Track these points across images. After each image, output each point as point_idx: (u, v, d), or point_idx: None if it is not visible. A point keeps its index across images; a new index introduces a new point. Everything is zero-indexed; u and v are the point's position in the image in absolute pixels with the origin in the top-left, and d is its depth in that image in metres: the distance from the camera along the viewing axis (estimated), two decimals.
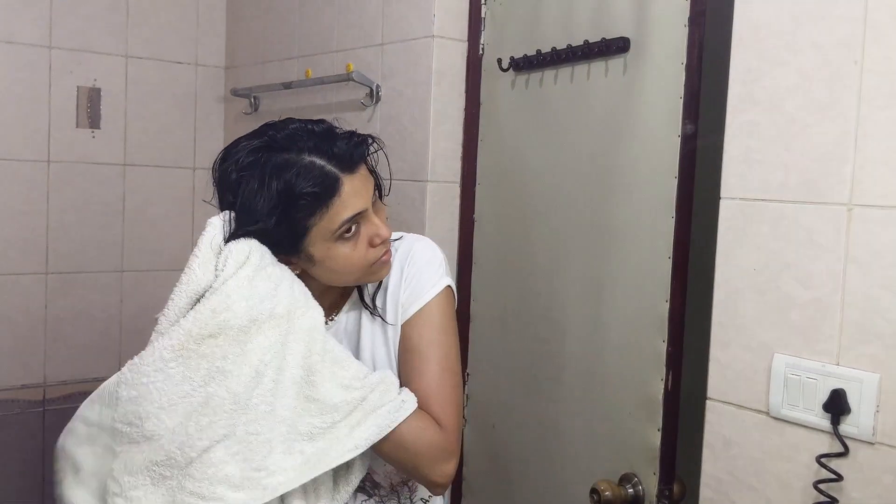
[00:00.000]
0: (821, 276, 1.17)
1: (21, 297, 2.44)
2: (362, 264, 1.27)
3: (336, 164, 1.21)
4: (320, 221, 1.21)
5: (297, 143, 1.21)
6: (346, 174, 1.22)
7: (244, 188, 1.21)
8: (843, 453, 1.15)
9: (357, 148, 1.24)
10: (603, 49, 1.58)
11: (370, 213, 1.26)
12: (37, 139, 2.44)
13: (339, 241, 1.24)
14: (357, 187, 1.23)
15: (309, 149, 1.21)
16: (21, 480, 2.48)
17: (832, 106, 1.16)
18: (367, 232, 1.26)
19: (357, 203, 1.23)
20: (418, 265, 1.36)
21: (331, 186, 1.20)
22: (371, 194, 1.26)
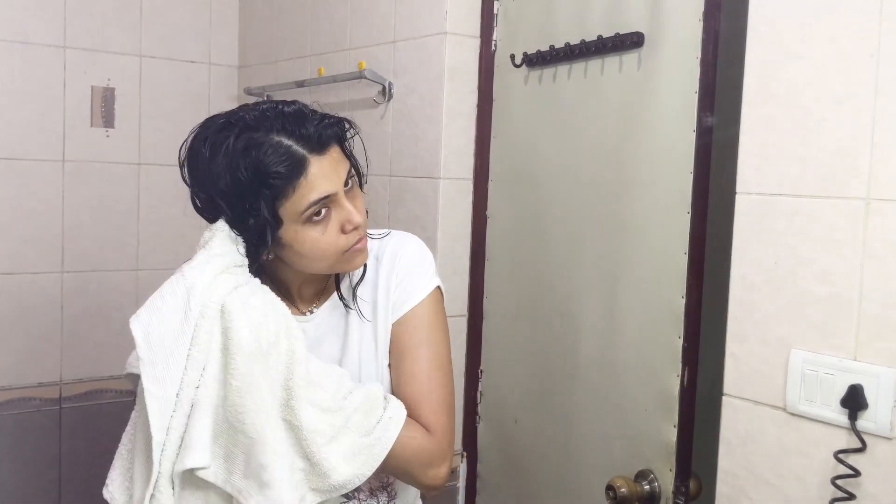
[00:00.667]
0: (838, 270, 1.17)
1: (37, 295, 2.46)
2: (333, 250, 1.24)
3: (303, 144, 1.19)
4: (287, 203, 1.19)
5: (265, 123, 1.20)
6: (313, 155, 1.19)
7: (213, 167, 1.20)
8: (860, 449, 1.14)
9: (327, 129, 1.22)
10: (617, 44, 1.57)
11: (341, 198, 1.22)
12: (51, 139, 2.45)
13: (307, 225, 1.21)
14: (326, 169, 1.20)
15: (277, 129, 1.19)
16: (38, 478, 2.49)
17: (848, 99, 1.15)
18: (339, 217, 1.23)
19: (325, 185, 1.20)
20: (409, 265, 1.35)
21: (297, 166, 1.18)
22: (343, 178, 1.23)
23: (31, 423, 2.47)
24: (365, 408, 1.23)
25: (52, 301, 2.48)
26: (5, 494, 2.44)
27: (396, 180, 2.04)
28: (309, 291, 1.35)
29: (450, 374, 1.34)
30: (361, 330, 1.34)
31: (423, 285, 1.34)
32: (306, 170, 1.19)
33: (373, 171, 2.07)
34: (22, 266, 2.43)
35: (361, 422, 1.22)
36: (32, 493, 2.48)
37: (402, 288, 1.33)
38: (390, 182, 2.05)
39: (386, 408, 1.25)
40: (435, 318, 1.35)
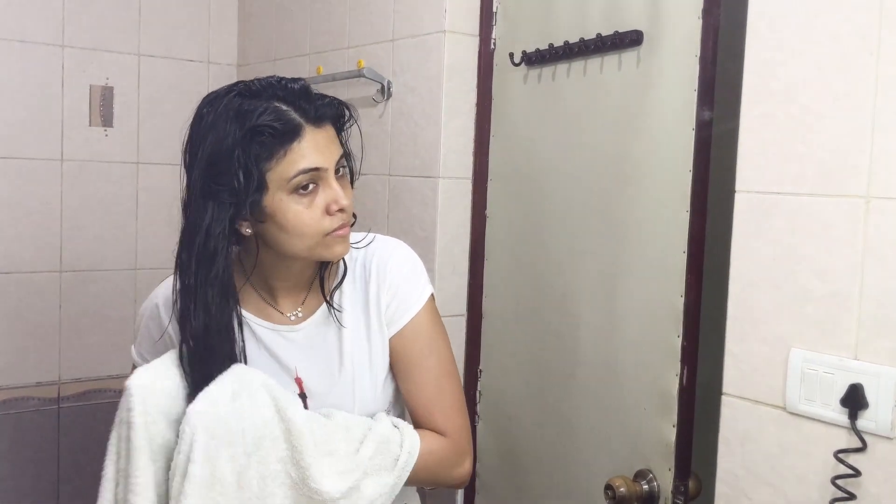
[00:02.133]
0: (838, 269, 1.16)
1: (35, 295, 2.45)
2: (315, 230, 1.22)
3: (301, 113, 1.20)
4: (277, 166, 1.18)
5: (267, 91, 1.21)
6: (309, 125, 1.20)
7: (207, 126, 1.20)
8: (860, 448, 1.13)
9: (326, 107, 1.23)
10: (616, 42, 1.57)
11: (330, 177, 1.22)
12: (50, 138, 2.45)
13: (293, 195, 1.20)
14: (319, 143, 1.20)
15: (278, 97, 1.20)
16: (36, 477, 2.49)
17: (848, 97, 1.15)
18: (326, 196, 1.21)
19: (316, 158, 1.20)
20: (402, 274, 1.34)
21: (292, 130, 1.18)
22: (335, 158, 1.23)
23: (29, 422, 2.47)
24: (381, 453, 1.25)
25: (51, 300, 2.48)
26: (3, 493, 2.43)
27: (395, 179, 2.03)
28: (292, 293, 1.33)
29: (457, 375, 1.37)
30: (354, 343, 1.33)
31: (418, 296, 1.34)
32: (300, 136, 1.19)
33: (371, 169, 2.07)
34: (20, 265, 2.42)
35: (381, 465, 1.24)
36: (30, 492, 2.48)
37: (396, 302, 1.33)
38: (389, 181, 2.05)
39: (402, 444, 1.26)
40: (433, 326, 1.36)
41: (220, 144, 1.18)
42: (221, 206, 1.20)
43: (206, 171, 1.20)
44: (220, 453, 1.16)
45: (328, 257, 1.28)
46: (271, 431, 1.19)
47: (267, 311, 1.33)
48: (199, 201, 1.22)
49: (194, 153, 1.22)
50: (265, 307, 1.33)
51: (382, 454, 1.24)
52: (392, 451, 1.25)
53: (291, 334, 1.32)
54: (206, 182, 1.20)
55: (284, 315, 1.33)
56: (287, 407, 1.20)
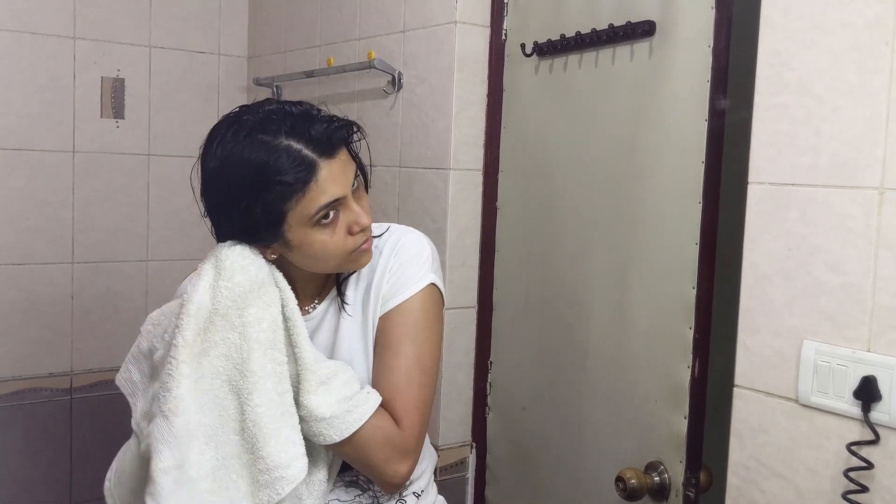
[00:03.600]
0: (851, 260, 1.15)
1: (48, 286, 2.46)
2: (341, 252, 1.23)
3: (313, 148, 1.18)
4: (297, 207, 1.18)
5: (272, 126, 1.18)
6: (323, 159, 1.18)
7: (221, 174, 1.19)
8: (873, 441, 1.13)
9: (336, 132, 1.20)
10: (628, 33, 1.56)
11: (349, 200, 1.22)
12: (62, 130, 2.46)
13: (316, 228, 1.20)
14: (335, 173, 1.19)
15: (286, 131, 1.17)
16: (49, 467, 2.51)
17: (863, 88, 1.14)
18: (346, 219, 1.22)
19: (335, 189, 1.19)
20: (403, 259, 1.32)
21: (308, 171, 1.17)
22: (351, 181, 1.22)
23: (42, 412, 2.48)
24: (344, 375, 1.24)
25: (63, 292, 2.49)
26: (17, 483, 2.45)
27: (406, 171, 2.03)
28: (311, 289, 1.35)
29: (431, 374, 1.31)
30: (352, 326, 1.33)
31: (415, 281, 1.31)
32: (317, 174, 1.18)
33: (382, 161, 2.07)
34: (32, 257, 2.44)
35: (340, 388, 1.22)
36: (43, 482, 2.50)
37: (392, 282, 1.31)
38: (400, 173, 2.05)
39: (363, 385, 1.26)
40: (423, 315, 1.31)
41: (235, 190, 1.18)
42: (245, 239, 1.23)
43: (224, 210, 1.21)
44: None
45: (354, 268, 1.31)
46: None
47: None
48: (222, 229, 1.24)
49: (210, 193, 1.23)
50: None
51: (346, 380, 1.24)
52: (353, 384, 1.24)
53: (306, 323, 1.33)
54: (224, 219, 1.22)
55: (303, 309, 1.34)
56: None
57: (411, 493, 1.37)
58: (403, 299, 1.30)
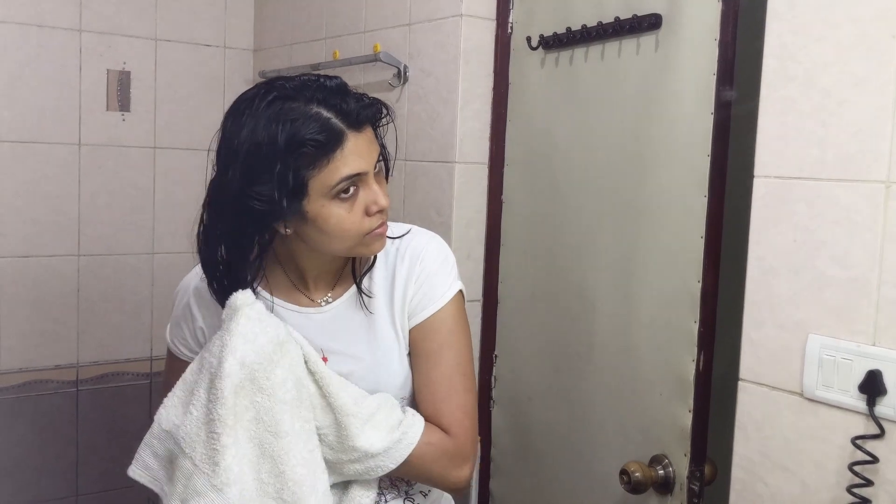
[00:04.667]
0: (857, 254, 1.15)
1: (54, 278, 2.47)
2: (356, 231, 1.22)
3: (342, 119, 1.18)
4: (319, 175, 1.17)
5: (305, 93, 1.18)
6: (351, 131, 1.19)
7: (252, 136, 1.17)
8: (878, 435, 1.13)
9: (366, 108, 1.21)
10: (634, 26, 1.56)
11: (370, 179, 1.22)
12: (68, 122, 2.46)
13: (335, 201, 1.20)
14: (361, 147, 1.20)
15: (318, 100, 1.18)
16: (55, 458, 2.52)
17: (869, 81, 1.14)
18: (365, 198, 1.22)
19: (359, 163, 1.19)
20: (430, 269, 1.32)
21: (335, 138, 1.17)
22: (374, 161, 1.22)
23: (48, 404, 2.49)
24: (386, 406, 1.26)
25: (69, 284, 2.50)
26: (24, 474, 2.46)
27: (411, 164, 2.03)
28: (323, 281, 1.34)
29: (471, 377, 1.33)
30: (383, 329, 1.33)
31: (443, 292, 1.32)
32: (343, 144, 1.18)
33: None
34: (39, 249, 2.44)
35: (386, 419, 1.24)
36: (50, 474, 2.51)
37: (421, 293, 1.32)
38: (405, 166, 2.05)
39: (405, 410, 1.28)
40: (455, 323, 1.33)
41: (259, 152, 1.17)
42: (257, 211, 1.19)
43: (244, 177, 1.18)
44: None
45: (367, 254, 1.29)
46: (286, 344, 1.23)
47: (296, 296, 1.34)
48: (234, 204, 1.20)
49: (230, 156, 1.20)
50: (295, 293, 1.34)
51: (388, 410, 1.25)
52: (396, 412, 1.26)
53: (318, 316, 1.33)
54: (243, 187, 1.18)
55: (314, 301, 1.34)
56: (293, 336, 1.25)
57: (418, 492, 1.37)
58: (435, 310, 1.31)
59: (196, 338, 1.38)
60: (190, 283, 1.41)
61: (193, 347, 1.38)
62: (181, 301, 1.41)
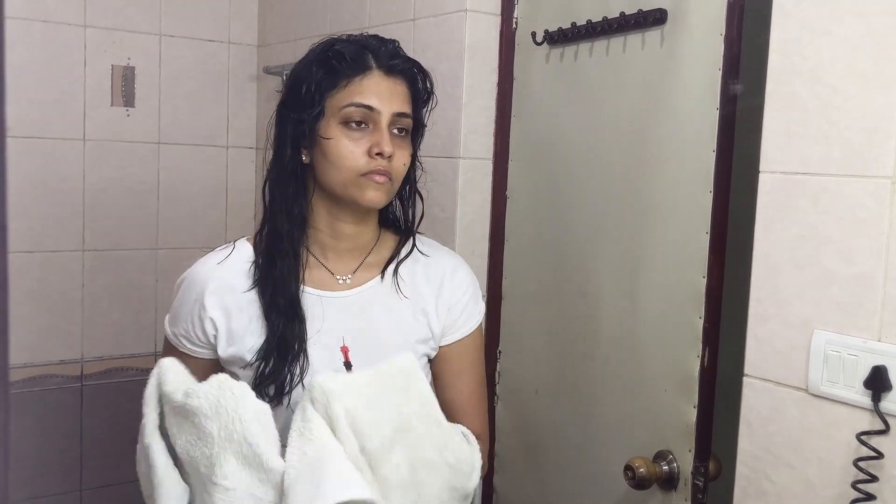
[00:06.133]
0: (863, 250, 1.15)
1: (58, 273, 2.47)
2: (353, 165, 1.28)
3: (375, 59, 1.28)
4: (336, 94, 1.27)
5: (361, 40, 1.32)
6: (379, 71, 1.28)
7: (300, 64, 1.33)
8: (883, 431, 1.13)
9: (404, 63, 1.30)
10: (640, 21, 1.55)
11: (383, 123, 1.28)
12: (72, 118, 2.46)
13: (343, 127, 1.27)
14: (381, 87, 1.27)
15: (363, 40, 1.30)
16: (60, 453, 2.52)
17: (876, 77, 1.13)
18: (372, 139, 1.28)
19: (373, 99, 1.27)
20: (468, 293, 1.46)
21: (359, 65, 1.27)
22: (393, 110, 1.28)
23: (53, 399, 2.50)
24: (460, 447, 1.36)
25: (73, 279, 2.50)
26: (28, 469, 2.47)
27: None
28: (344, 258, 1.38)
29: (486, 386, 1.55)
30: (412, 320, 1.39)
31: (478, 314, 1.49)
32: (365, 74, 1.28)
33: None
34: (43, 244, 2.44)
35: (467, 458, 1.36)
36: (54, 468, 2.51)
37: (458, 312, 1.43)
38: None
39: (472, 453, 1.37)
40: (481, 343, 1.52)
41: (300, 72, 1.30)
42: (291, 127, 1.30)
43: (286, 97, 1.32)
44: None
45: (360, 200, 1.31)
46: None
47: (319, 277, 1.38)
48: (277, 127, 1.33)
49: (286, 90, 1.35)
50: (318, 272, 1.38)
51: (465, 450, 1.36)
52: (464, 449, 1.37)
53: (339, 301, 1.35)
54: (283, 107, 1.32)
55: (335, 277, 1.37)
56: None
57: None
58: (468, 332, 1.46)
59: (204, 329, 1.36)
60: (201, 275, 1.39)
61: (197, 340, 1.38)
62: (188, 294, 1.39)
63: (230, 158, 2.74)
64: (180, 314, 1.40)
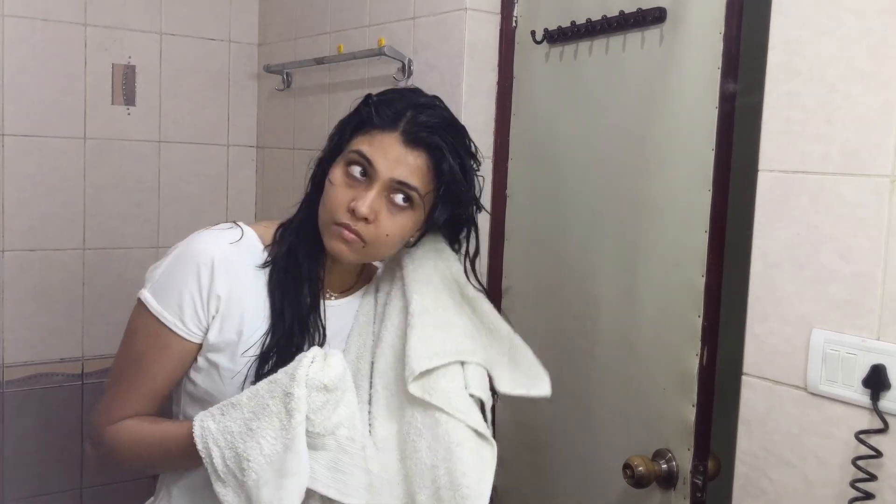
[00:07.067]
0: (862, 249, 1.15)
1: (59, 272, 2.48)
2: (331, 208, 1.25)
3: (404, 122, 1.24)
4: (353, 139, 1.27)
5: (408, 93, 1.32)
6: (402, 136, 1.24)
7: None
8: (882, 429, 1.13)
9: (430, 136, 1.24)
10: (639, 20, 1.55)
11: (376, 185, 1.23)
12: (73, 116, 2.46)
13: (343, 168, 1.26)
14: (393, 152, 1.23)
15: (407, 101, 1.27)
16: (61, 451, 2.52)
17: (875, 75, 1.13)
18: (357, 194, 1.23)
19: (378, 157, 1.23)
20: None
21: (387, 121, 1.24)
22: (395, 176, 1.23)
23: (54, 397, 2.50)
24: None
25: (74, 278, 2.50)
26: (29, 466, 2.47)
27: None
28: (337, 278, 1.38)
29: None
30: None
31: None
32: (385, 133, 1.24)
33: None
34: (44, 243, 2.45)
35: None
36: (55, 466, 2.52)
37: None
38: None
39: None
40: None
41: (356, 105, 1.31)
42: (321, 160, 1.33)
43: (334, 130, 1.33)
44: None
45: (326, 245, 1.29)
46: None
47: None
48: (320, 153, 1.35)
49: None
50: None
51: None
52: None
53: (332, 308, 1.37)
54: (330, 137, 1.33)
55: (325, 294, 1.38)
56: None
57: None
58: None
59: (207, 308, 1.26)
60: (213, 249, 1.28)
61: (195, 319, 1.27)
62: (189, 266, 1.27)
63: (231, 157, 2.74)
64: (175, 288, 1.27)
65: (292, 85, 2.55)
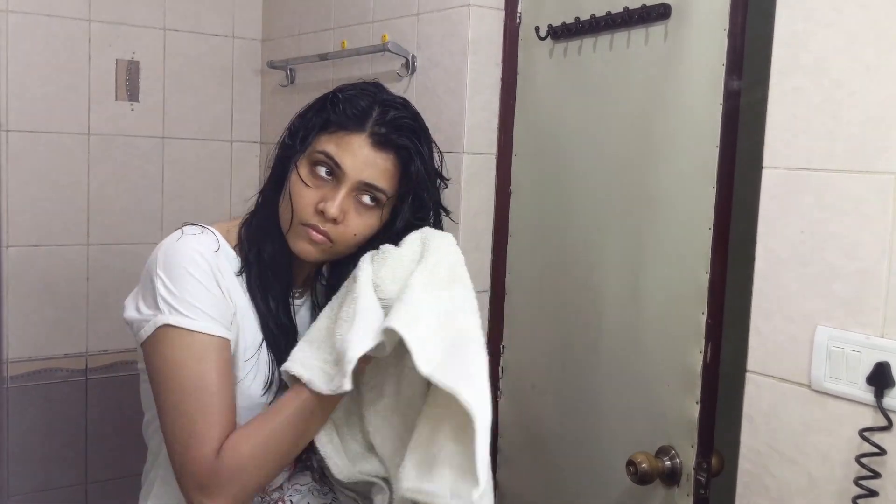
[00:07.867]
0: (866, 246, 1.15)
1: (63, 268, 2.48)
2: (298, 210, 1.23)
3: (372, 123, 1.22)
4: (319, 137, 1.24)
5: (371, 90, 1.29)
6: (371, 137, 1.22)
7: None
8: (886, 427, 1.12)
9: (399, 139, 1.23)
10: (643, 16, 1.55)
11: (344, 186, 1.22)
12: (77, 112, 2.47)
13: (309, 168, 1.24)
14: (362, 153, 1.22)
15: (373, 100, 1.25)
16: (64, 447, 2.53)
17: (881, 69, 1.13)
18: (325, 196, 1.22)
19: (346, 158, 1.21)
20: None
21: (355, 121, 1.22)
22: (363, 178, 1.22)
23: (57, 393, 2.50)
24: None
25: (78, 273, 2.51)
26: (33, 462, 2.48)
27: None
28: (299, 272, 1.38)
29: None
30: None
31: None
32: (353, 133, 1.22)
33: None
34: (48, 239, 2.45)
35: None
36: (59, 462, 2.52)
37: None
38: None
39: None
40: None
41: (311, 104, 1.29)
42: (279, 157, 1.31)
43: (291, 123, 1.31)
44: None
45: (293, 248, 1.28)
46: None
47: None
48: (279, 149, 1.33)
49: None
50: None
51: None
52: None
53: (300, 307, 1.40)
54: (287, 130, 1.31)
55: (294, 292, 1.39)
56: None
57: None
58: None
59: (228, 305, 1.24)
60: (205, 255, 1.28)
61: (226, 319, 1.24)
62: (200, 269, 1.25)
63: (234, 153, 2.74)
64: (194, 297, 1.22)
65: (296, 81, 2.55)
